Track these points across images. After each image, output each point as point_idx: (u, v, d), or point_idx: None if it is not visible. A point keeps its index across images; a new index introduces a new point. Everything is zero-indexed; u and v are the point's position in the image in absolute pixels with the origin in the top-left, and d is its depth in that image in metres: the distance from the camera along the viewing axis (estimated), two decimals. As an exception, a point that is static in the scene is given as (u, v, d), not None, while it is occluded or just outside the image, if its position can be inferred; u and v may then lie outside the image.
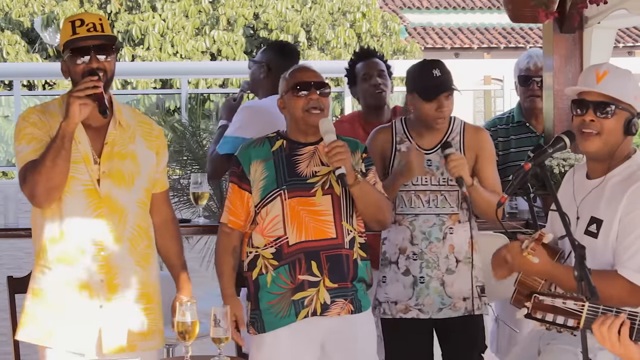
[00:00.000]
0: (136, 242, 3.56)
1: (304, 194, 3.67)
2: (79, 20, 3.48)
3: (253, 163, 3.73)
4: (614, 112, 3.27)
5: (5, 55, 16.18)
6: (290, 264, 3.66)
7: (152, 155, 3.65)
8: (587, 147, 3.32)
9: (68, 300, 3.49)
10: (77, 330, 3.49)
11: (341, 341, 3.70)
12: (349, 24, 17.32)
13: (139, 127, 3.65)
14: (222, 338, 3.27)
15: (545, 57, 5.15)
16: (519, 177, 3.19)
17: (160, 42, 16.56)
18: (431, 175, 4.05)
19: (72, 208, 3.48)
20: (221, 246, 3.80)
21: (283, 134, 3.80)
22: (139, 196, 3.59)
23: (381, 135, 4.16)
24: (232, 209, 3.77)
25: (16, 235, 4.74)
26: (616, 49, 6.42)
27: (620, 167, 3.33)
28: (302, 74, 3.77)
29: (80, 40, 3.47)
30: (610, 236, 3.25)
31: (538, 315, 2.72)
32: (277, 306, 3.67)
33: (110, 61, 3.49)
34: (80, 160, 3.48)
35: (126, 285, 3.53)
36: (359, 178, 3.63)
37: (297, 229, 3.65)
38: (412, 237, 4.03)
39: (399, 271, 4.05)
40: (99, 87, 3.36)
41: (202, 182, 4.63)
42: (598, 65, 3.39)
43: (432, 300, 4.02)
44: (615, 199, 3.26)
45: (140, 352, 3.55)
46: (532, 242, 3.14)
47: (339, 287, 3.67)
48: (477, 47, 22.34)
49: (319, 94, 3.71)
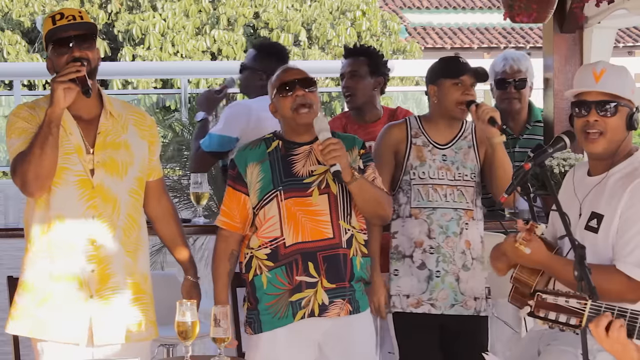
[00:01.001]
0: (128, 232, 3.58)
1: (300, 194, 3.67)
2: (58, 14, 3.53)
3: (249, 165, 3.73)
4: (617, 110, 3.28)
5: (5, 55, 16.18)
6: (287, 265, 3.65)
7: (145, 145, 3.67)
8: (592, 149, 3.32)
9: (58, 291, 3.49)
10: (68, 321, 3.49)
11: (339, 342, 3.69)
12: (350, 23, 17.32)
13: (131, 117, 3.67)
14: (222, 338, 3.28)
15: (545, 57, 5.16)
16: (519, 177, 3.20)
17: (161, 42, 16.56)
18: (447, 170, 4.07)
19: (65, 199, 3.49)
20: (218, 251, 3.80)
21: (279, 135, 3.80)
22: (132, 186, 3.60)
23: (395, 130, 4.18)
24: (227, 211, 3.78)
25: (16, 235, 4.73)
26: (616, 49, 6.43)
27: (623, 163, 3.34)
28: (286, 74, 3.76)
29: (60, 30, 3.49)
30: (610, 231, 3.25)
31: (541, 314, 2.72)
32: (275, 307, 3.67)
33: (92, 50, 3.52)
34: (72, 151, 3.50)
35: (116, 276, 3.54)
36: (356, 175, 3.62)
37: (293, 230, 3.65)
38: (429, 230, 4.04)
39: (413, 265, 4.05)
40: (82, 70, 3.38)
41: (202, 182, 4.64)
42: (593, 64, 3.40)
43: (446, 295, 4.02)
44: (617, 194, 3.27)
45: (134, 343, 3.56)
46: (524, 233, 3.16)
47: (337, 287, 3.67)
48: (477, 47, 22.32)
49: (305, 90, 3.70)
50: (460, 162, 4.09)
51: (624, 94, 3.28)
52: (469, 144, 4.14)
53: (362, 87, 4.87)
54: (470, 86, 4.04)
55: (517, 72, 5.07)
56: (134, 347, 3.55)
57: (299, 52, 16.70)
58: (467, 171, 4.09)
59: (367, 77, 4.86)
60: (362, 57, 4.89)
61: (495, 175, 4.03)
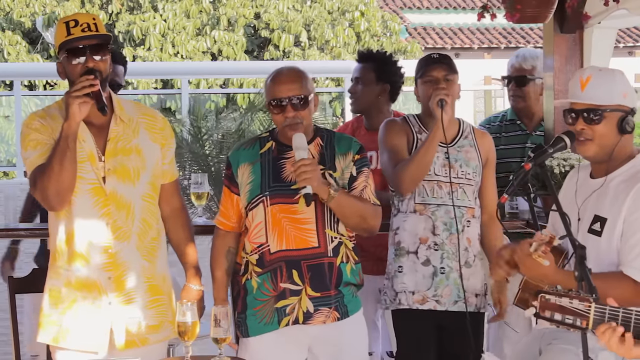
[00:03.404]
0: (143, 236, 3.59)
1: (286, 200, 3.61)
2: (73, 21, 3.50)
3: (241, 166, 3.71)
4: (602, 117, 3.28)
5: (6, 56, 16.18)
6: (272, 272, 3.63)
7: (157, 148, 3.66)
8: (583, 152, 3.36)
9: (79, 299, 3.52)
10: (89, 329, 3.52)
11: (329, 346, 3.68)
12: (348, 23, 17.31)
13: (143, 120, 3.66)
14: (222, 338, 3.27)
15: (545, 57, 5.15)
16: (519, 177, 3.20)
17: (161, 43, 16.55)
18: (450, 168, 4.07)
19: (80, 208, 3.51)
20: (215, 249, 3.80)
21: (274, 135, 3.75)
22: (146, 190, 3.61)
23: (398, 122, 4.21)
24: (223, 211, 3.77)
25: (16, 235, 4.74)
26: (616, 49, 6.40)
27: (624, 167, 3.34)
28: (278, 87, 3.63)
29: (75, 40, 3.48)
30: (614, 234, 3.25)
31: (546, 315, 2.71)
32: (261, 312, 3.66)
33: (105, 60, 3.51)
34: (85, 159, 3.51)
35: (133, 280, 3.56)
36: (332, 194, 3.53)
37: (277, 237, 3.61)
38: (434, 227, 4.04)
39: (418, 261, 4.05)
40: (96, 85, 3.38)
41: (202, 182, 4.64)
42: (583, 70, 3.40)
43: (450, 292, 4.03)
44: (620, 197, 3.27)
45: (151, 345, 3.58)
46: (543, 245, 3.13)
47: (322, 295, 3.63)
48: (477, 47, 22.32)
49: (296, 108, 3.60)
50: (463, 161, 4.11)
51: (611, 101, 3.27)
52: (470, 143, 4.16)
53: (364, 93, 4.88)
54: (444, 80, 4.05)
55: (519, 70, 5.09)
56: (152, 349, 3.57)
57: (299, 52, 16.70)
58: (469, 170, 4.10)
59: (371, 84, 4.87)
60: (370, 63, 4.90)
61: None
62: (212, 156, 7.95)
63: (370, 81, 4.87)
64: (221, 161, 7.75)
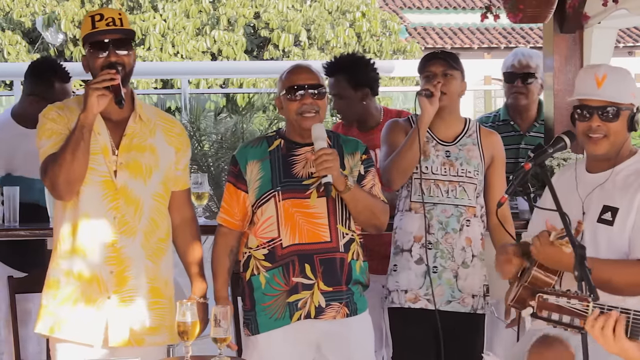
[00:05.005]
0: (150, 235, 3.59)
1: (298, 195, 3.65)
2: (98, 15, 3.55)
3: (249, 163, 3.72)
4: (619, 115, 3.32)
5: (6, 55, 16.17)
6: (284, 266, 3.64)
7: (172, 151, 3.67)
8: (596, 150, 3.36)
9: (77, 291, 3.52)
10: (85, 322, 3.52)
11: (337, 343, 3.69)
12: (349, 24, 17.30)
13: (161, 123, 3.69)
14: (222, 338, 3.27)
15: (545, 57, 5.15)
16: (519, 177, 3.20)
17: (161, 42, 16.55)
18: (450, 166, 4.06)
19: (89, 199, 3.52)
20: (217, 247, 3.79)
21: (282, 134, 3.78)
22: (157, 190, 3.61)
23: (400, 123, 4.22)
24: (227, 208, 3.77)
25: (16, 235, 4.73)
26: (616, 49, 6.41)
27: (629, 160, 3.39)
28: (297, 76, 3.71)
29: (99, 34, 3.51)
30: (627, 224, 3.29)
31: (544, 315, 2.71)
32: (272, 308, 3.66)
33: (129, 55, 3.54)
34: (98, 152, 3.52)
35: (135, 278, 3.56)
36: (349, 185, 3.59)
37: (290, 231, 3.63)
38: (428, 225, 4.03)
39: (411, 259, 4.05)
40: (116, 79, 3.41)
41: (202, 182, 4.65)
42: (595, 67, 3.42)
43: (442, 292, 4.02)
44: (631, 188, 3.31)
45: (147, 347, 3.57)
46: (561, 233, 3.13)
47: (334, 290, 3.65)
48: (477, 47, 22.32)
49: (314, 97, 3.66)
50: (464, 159, 4.10)
51: (626, 99, 3.33)
52: (474, 141, 4.15)
53: (348, 106, 4.75)
54: (443, 75, 4.03)
55: (526, 67, 5.09)
56: (148, 351, 3.54)
57: (299, 52, 16.70)
58: (470, 168, 4.09)
59: (351, 94, 4.71)
60: (341, 74, 4.72)
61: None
62: (211, 156, 7.96)
63: (348, 93, 4.71)
64: (220, 161, 7.75)
